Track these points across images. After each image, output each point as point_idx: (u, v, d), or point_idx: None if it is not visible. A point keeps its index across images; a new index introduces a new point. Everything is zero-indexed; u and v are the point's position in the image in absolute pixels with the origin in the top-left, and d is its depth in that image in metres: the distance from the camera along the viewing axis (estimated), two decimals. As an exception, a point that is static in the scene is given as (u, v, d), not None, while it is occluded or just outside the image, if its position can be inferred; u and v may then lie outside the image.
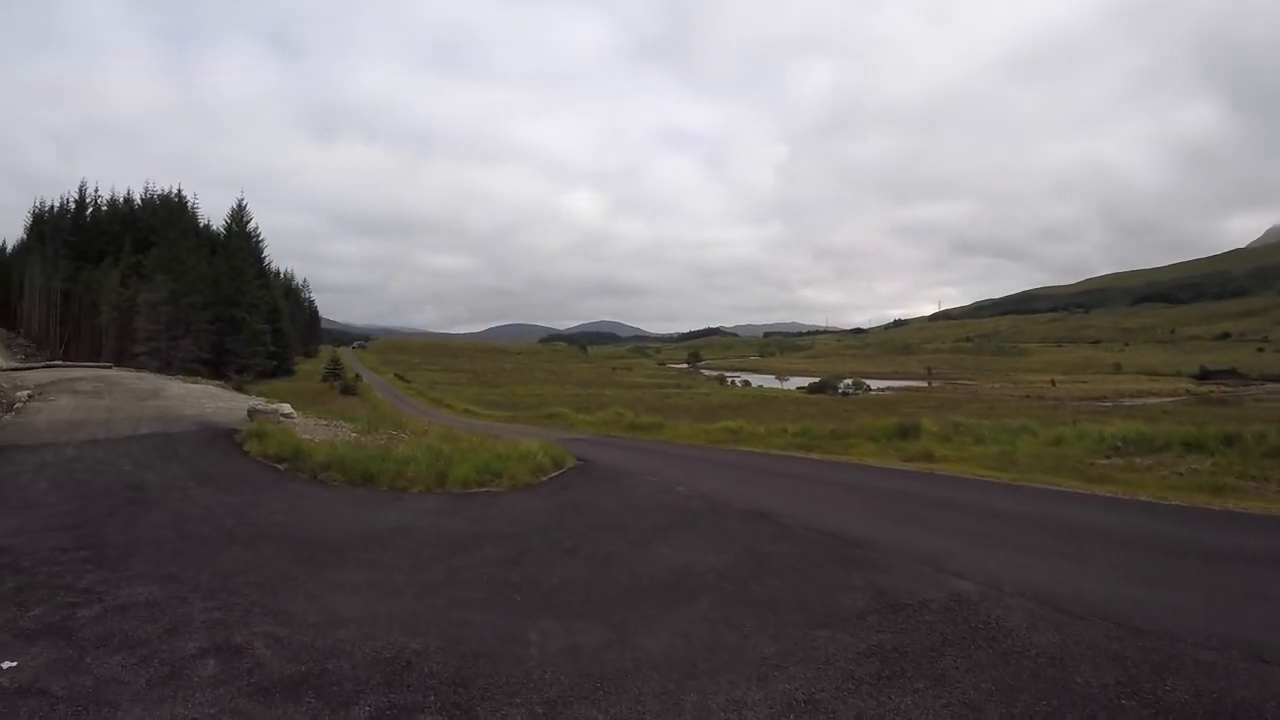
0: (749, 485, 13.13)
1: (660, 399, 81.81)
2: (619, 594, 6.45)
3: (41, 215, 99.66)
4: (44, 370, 35.46)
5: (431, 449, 14.24)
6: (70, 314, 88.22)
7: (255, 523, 9.25)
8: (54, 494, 10.57)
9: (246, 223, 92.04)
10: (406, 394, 79.86)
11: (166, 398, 23.75)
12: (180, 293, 74.53)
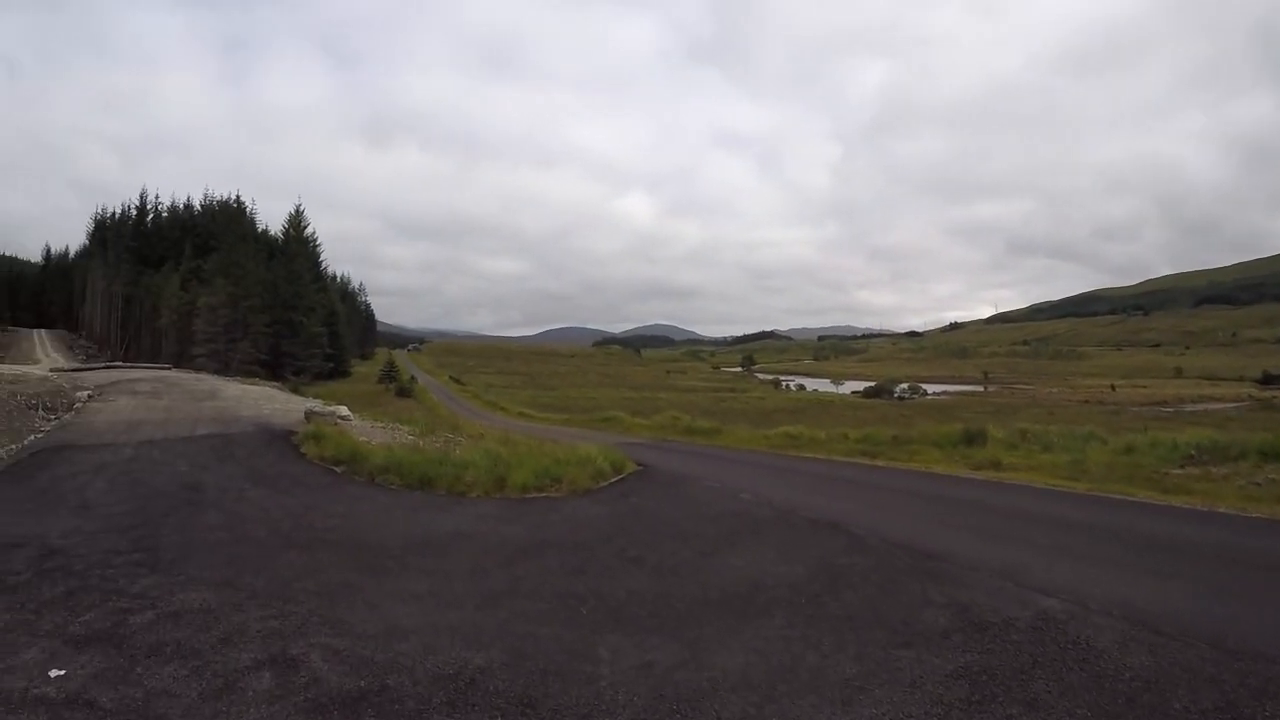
0: (815, 493, 12.86)
1: (715, 403, 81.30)
2: (689, 607, 6.20)
3: (103, 222, 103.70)
4: (104, 371, 36.21)
5: (489, 453, 14.02)
6: (131, 317, 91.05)
7: (312, 526, 9.12)
8: (110, 494, 10.60)
9: (304, 228, 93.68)
10: (461, 396, 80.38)
11: (224, 399, 23.97)
12: (239, 296, 76.10)
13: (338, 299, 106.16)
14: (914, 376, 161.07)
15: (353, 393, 56.23)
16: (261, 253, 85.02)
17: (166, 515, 9.38)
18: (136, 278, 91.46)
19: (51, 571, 6.86)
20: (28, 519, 9.01)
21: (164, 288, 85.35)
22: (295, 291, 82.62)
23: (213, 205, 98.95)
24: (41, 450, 14.06)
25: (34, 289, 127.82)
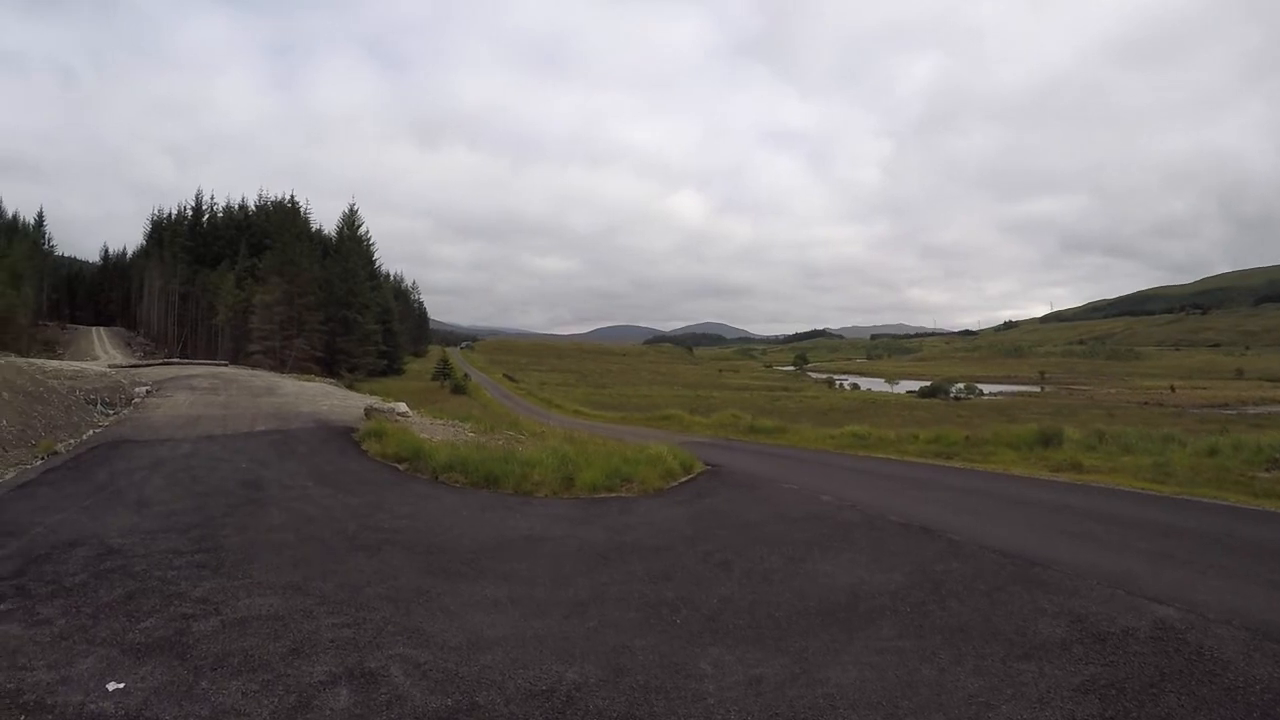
0: (897, 495, 12.48)
1: (769, 402, 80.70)
2: (789, 617, 5.90)
3: (160, 222, 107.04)
4: (162, 367, 36.90)
5: (556, 451, 13.69)
6: (188, 314, 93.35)
7: (379, 527, 8.80)
8: (170, 491, 10.44)
9: (358, 226, 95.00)
10: (515, 394, 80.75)
11: (282, 395, 24.08)
12: (294, 294, 77.22)
13: (391, 297, 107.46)
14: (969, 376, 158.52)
15: (407, 389, 56.71)
16: (316, 251, 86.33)
17: (227, 514, 9.16)
18: (193, 276, 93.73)
19: (110, 573, 6.60)
20: (85, 516, 8.83)
21: (220, 286, 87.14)
22: (350, 289, 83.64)
23: (267, 205, 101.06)
24: (100, 445, 14.06)
25: (92, 288, 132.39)
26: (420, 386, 71.33)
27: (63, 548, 7.34)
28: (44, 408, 17.39)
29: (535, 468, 12.09)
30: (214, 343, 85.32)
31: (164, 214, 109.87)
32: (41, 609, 5.69)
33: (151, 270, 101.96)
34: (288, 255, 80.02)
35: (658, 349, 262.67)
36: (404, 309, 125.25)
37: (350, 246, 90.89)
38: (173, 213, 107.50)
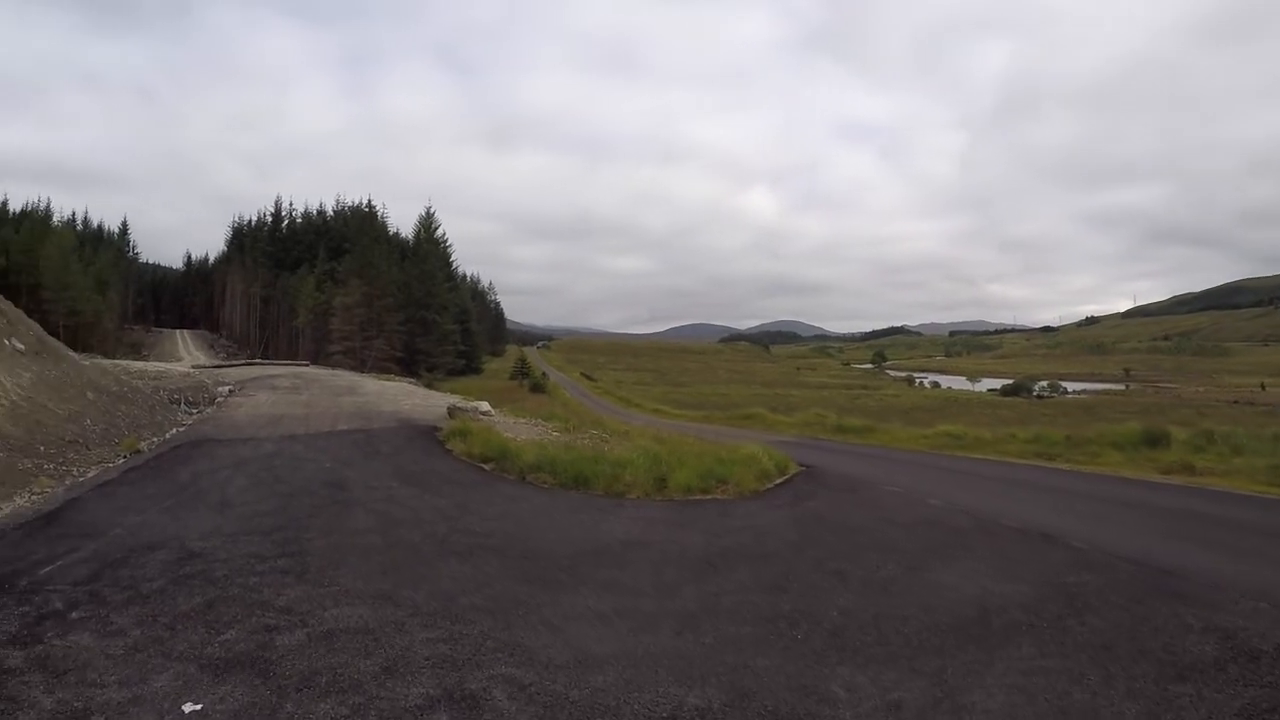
0: (1006, 499, 12.14)
1: (849, 400, 79.74)
2: (918, 633, 5.52)
3: (241, 229, 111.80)
4: (244, 367, 37.61)
5: (646, 451, 13.34)
6: (269, 317, 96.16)
7: (469, 530, 8.45)
8: (252, 492, 10.24)
9: (434, 229, 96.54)
10: (594, 393, 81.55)
11: (363, 394, 24.16)
12: (373, 296, 78.73)
13: (469, 298, 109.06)
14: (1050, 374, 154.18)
15: (486, 388, 57.03)
16: (394, 254, 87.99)
17: (312, 516, 8.89)
18: (273, 280, 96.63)
19: (189, 578, 6.31)
20: (165, 518, 8.64)
21: (300, 289, 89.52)
22: (428, 290, 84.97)
23: (345, 210, 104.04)
24: (182, 444, 14.06)
25: (176, 292, 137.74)
26: (499, 385, 71.88)
27: (141, 551, 7.10)
28: (128, 407, 17.58)
29: (626, 468, 11.72)
30: (295, 344, 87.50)
31: (244, 221, 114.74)
32: (116, 618, 5.40)
33: (233, 275, 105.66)
34: (366, 258, 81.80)
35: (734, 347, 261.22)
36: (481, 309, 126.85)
37: (428, 249, 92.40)
38: (252, 219, 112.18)
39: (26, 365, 15.49)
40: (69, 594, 5.87)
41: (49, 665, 4.59)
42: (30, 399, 14.21)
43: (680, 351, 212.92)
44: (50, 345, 18.70)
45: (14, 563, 6.71)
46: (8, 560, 6.79)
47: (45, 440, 12.92)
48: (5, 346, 15.48)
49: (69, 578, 6.28)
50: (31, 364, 15.79)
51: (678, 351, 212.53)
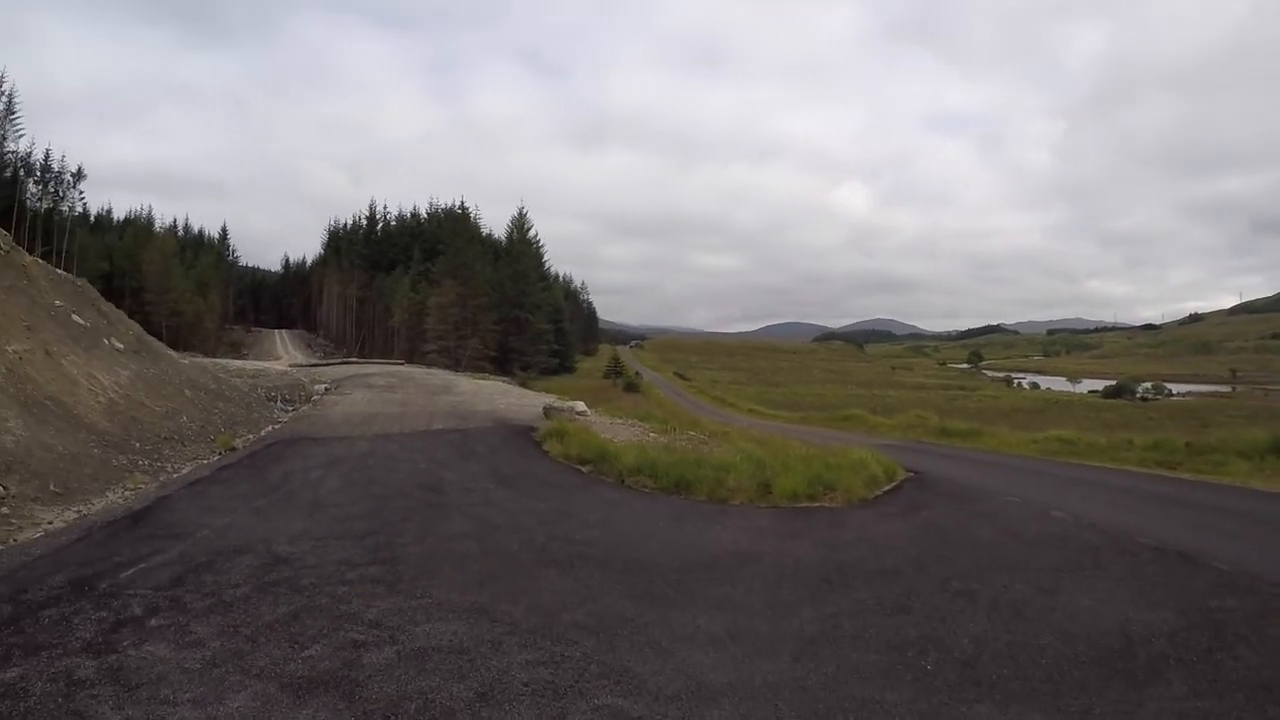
0: (1135, 512, 11.32)
1: (946, 401, 77.59)
2: (1057, 664, 5.02)
3: (337, 232, 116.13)
4: (340, 366, 38.28)
5: (749, 454, 12.86)
6: (364, 317, 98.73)
7: (569, 538, 8.06)
8: (344, 493, 10.06)
9: (527, 229, 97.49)
10: (688, 392, 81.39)
11: (458, 393, 24.19)
12: (467, 296, 79.89)
13: (562, 297, 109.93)
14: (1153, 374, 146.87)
15: (579, 388, 57.18)
16: (487, 254, 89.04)
17: (405, 519, 8.62)
18: (369, 281, 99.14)
19: (275, 586, 6.04)
20: (255, 519, 8.48)
21: (395, 289, 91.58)
22: (521, 290, 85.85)
23: (438, 212, 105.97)
24: (276, 442, 14.10)
25: (275, 294, 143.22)
26: (592, 384, 72.07)
27: (227, 554, 6.89)
28: (225, 405, 17.83)
29: (730, 473, 11.27)
30: (390, 343, 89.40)
31: (340, 224, 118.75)
32: (196, 627, 5.14)
33: (329, 276, 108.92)
34: (460, 259, 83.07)
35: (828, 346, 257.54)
36: (574, 309, 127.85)
37: (520, 248, 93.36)
38: (348, 223, 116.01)
39: (125, 364, 15.79)
40: (149, 599, 5.65)
41: (121, 678, 4.34)
42: (128, 396, 14.42)
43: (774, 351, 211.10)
44: (149, 344, 19.12)
45: (97, 563, 6.57)
46: (91, 561, 6.66)
47: (141, 436, 13.05)
48: (105, 346, 15.81)
49: (151, 581, 6.08)
50: (130, 362, 16.10)
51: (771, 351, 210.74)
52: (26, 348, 12.87)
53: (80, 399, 12.99)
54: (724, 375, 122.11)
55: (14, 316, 13.41)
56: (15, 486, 9.39)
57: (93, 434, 12.14)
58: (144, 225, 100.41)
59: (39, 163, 74.20)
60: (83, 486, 10.18)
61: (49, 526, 8.29)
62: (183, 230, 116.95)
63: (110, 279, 76.15)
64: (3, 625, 5.12)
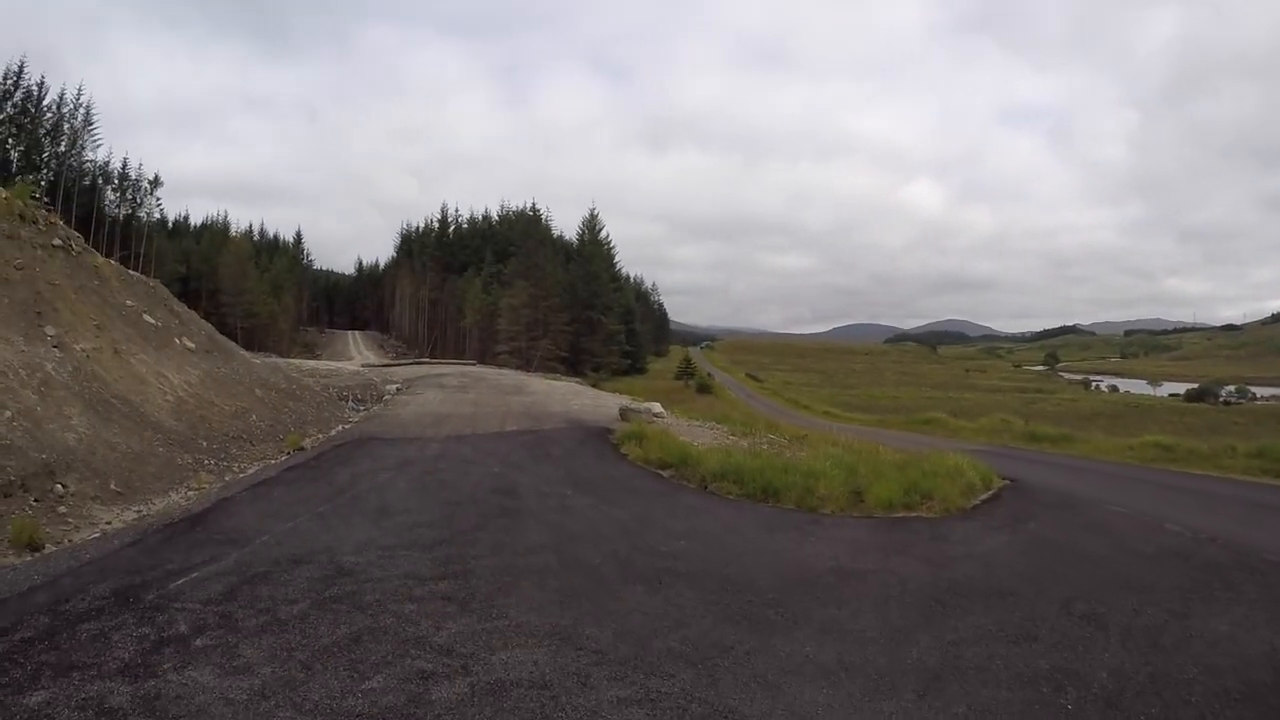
0: (1257, 526, 10.84)
1: (1024, 405, 75.43)
2: (1209, 704, 4.50)
3: (408, 235, 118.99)
4: (412, 366, 38.40)
5: (839, 460, 12.20)
6: (436, 318, 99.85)
7: (654, 549, 7.49)
8: (414, 498, 9.58)
9: (598, 230, 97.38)
10: (760, 394, 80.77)
11: (531, 393, 23.85)
12: (539, 297, 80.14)
13: (633, 298, 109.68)
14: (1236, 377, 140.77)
15: (651, 389, 56.66)
16: (559, 256, 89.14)
17: (478, 528, 8.09)
18: (441, 283, 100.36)
19: (335, 602, 5.52)
20: (318, 525, 8.01)
21: (467, 291, 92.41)
22: (593, 291, 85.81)
23: (509, 215, 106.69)
24: (346, 442, 13.76)
25: (348, 296, 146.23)
26: (664, 386, 71.52)
27: (286, 564, 6.40)
28: (296, 404, 17.63)
29: (820, 479, 10.63)
30: (462, 344, 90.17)
31: (412, 227, 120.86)
32: (246, 649, 4.64)
33: (402, 278, 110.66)
34: (532, 260, 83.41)
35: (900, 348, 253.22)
36: (645, 310, 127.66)
37: (592, 249, 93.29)
38: (420, 226, 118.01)
39: (196, 363, 15.67)
40: (197, 615, 5.19)
41: (157, 708, 3.88)
42: (197, 395, 14.22)
43: (845, 352, 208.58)
44: (221, 344, 19.07)
45: (147, 571, 6.17)
46: (140, 568, 6.27)
47: (209, 435, 12.80)
48: (176, 345, 15.71)
49: (202, 594, 5.63)
50: (201, 361, 15.99)
51: (843, 352, 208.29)
52: (95, 346, 12.71)
53: (148, 397, 12.78)
54: (796, 377, 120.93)
55: (83, 315, 13.28)
56: (75, 485, 9.17)
57: (159, 432, 11.90)
58: (220, 230, 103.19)
59: (117, 171, 77.18)
60: (145, 485, 9.94)
61: (106, 527, 8.04)
62: (258, 235, 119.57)
63: (187, 282, 78.56)
64: (37, 640, 4.72)
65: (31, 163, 64.23)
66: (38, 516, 7.99)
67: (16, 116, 63.82)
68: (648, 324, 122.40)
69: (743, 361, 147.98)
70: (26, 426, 9.65)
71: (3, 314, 11.44)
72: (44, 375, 11.03)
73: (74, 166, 68.57)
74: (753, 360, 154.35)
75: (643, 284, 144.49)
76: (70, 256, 14.62)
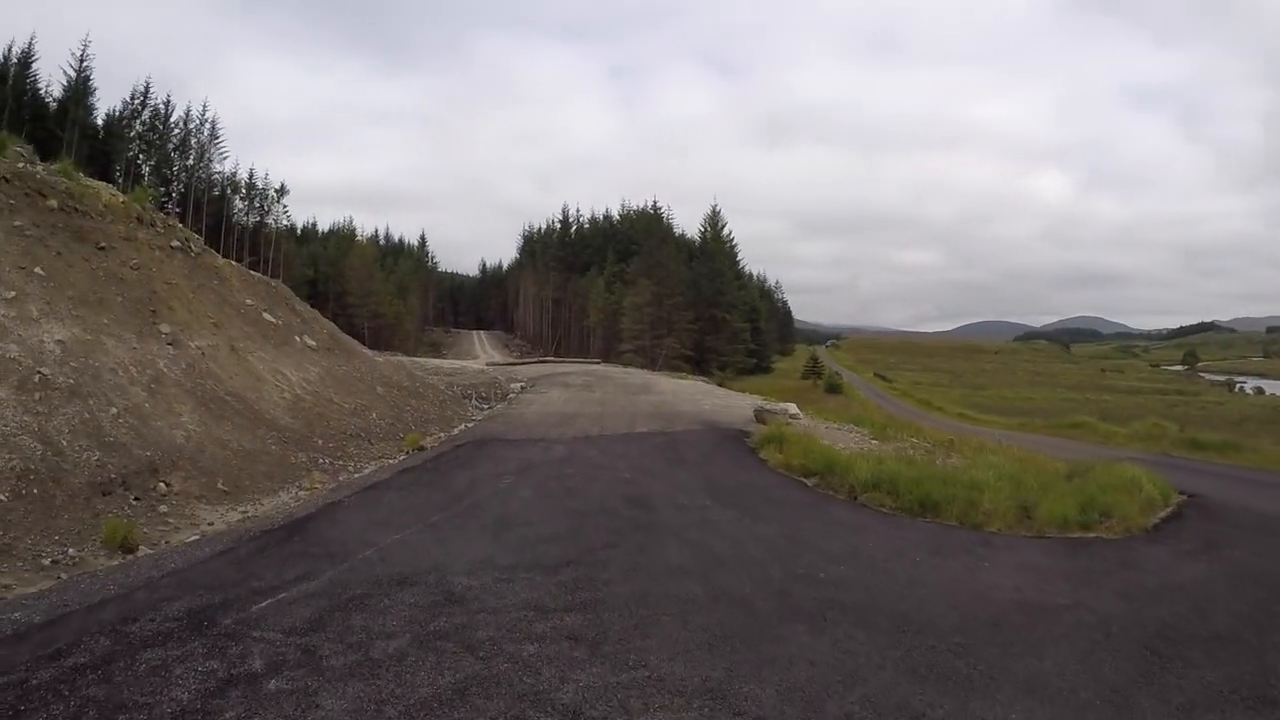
0: None
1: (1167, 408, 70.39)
2: None
3: (531, 236, 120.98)
4: (536, 365, 38.19)
5: (1000, 470, 11.01)
6: (560, 317, 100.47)
7: (812, 576, 6.44)
8: (537, 508, 8.70)
9: (721, 227, 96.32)
10: (890, 394, 78.29)
11: (658, 393, 23.01)
12: (662, 295, 79.44)
13: (756, 295, 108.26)
14: None
15: (778, 388, 55.33)
16: (681, 254, 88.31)
17: (609, 545, 7.13)
18: (564, 282, 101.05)
19: (441, 639, 4.67)
20: (430, 538, 7.22)
21: (590, 290, 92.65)
22: (717, 289, 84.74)
23: (630, 214, 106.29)
24: (467, 443, 13.14)
25: (472, 297, 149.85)
26: (791, 385, 69.91)
27: (388, 586, 5.59)
28: (418, 402, 17.24)
29: (983, 491, 9.48)
30: (585, 343, 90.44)
31: (533, 229, 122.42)
32: (326, 698, 3.86)
33: (525, 279, 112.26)
34: (655, 258, 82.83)
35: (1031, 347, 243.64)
36: (769, 308, 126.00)
37: (715, 246, 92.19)
38: (541, 227, 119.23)
39: (316, 360, 15.45)
40: (276, 647, 4.45)
41: None
42: (315, 392, 13.87)
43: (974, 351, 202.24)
44: (343, 342, 18.94)
45: (230, 588, 5.49)
46: (224, 583, 5.60)
47: (325, 433, 12.37)
48: (296, 343, 15.54)
49: (286, 620, 4.88)
50: (322, 359, 15.77)
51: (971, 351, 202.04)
52: (211, 344, 12.48)
53: (263, 394, 12.43)
54: (925, 377, 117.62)
55: (200, 314, 13.10)
56: (179, 483, 8.78)
57: (273, 430, 11.50)
58: (346, 234, 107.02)
59: (244, 181, 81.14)
60: (255, 485, 9.55)
61: (207, 528, 7.60)
62: (384, 239, 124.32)
63: (315, 284, 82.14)
64: (90, 668, 4.07)
65: (162, 176, 67.86)
66: (137, 516, 7.66)
67: (145, 133, 67.57)
68: (771, 322, 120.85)
69: (869, 361, 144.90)
70: (132, 424, 9.33)
71: (116, 312, 11.27)
72: (155, 372, 10.76)
73: (202, 178, 72.37)
74: (879, 359, 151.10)
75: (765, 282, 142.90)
76: (189, 257, 14.65)
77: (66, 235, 11.76)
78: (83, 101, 59.66)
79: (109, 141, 59.55)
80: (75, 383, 9.25)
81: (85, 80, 60.28)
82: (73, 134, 54.80)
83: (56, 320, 10.15)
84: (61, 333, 9.97)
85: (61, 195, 12.37)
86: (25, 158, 13.68)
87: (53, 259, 11.04)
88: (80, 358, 9.75)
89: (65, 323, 10.22)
